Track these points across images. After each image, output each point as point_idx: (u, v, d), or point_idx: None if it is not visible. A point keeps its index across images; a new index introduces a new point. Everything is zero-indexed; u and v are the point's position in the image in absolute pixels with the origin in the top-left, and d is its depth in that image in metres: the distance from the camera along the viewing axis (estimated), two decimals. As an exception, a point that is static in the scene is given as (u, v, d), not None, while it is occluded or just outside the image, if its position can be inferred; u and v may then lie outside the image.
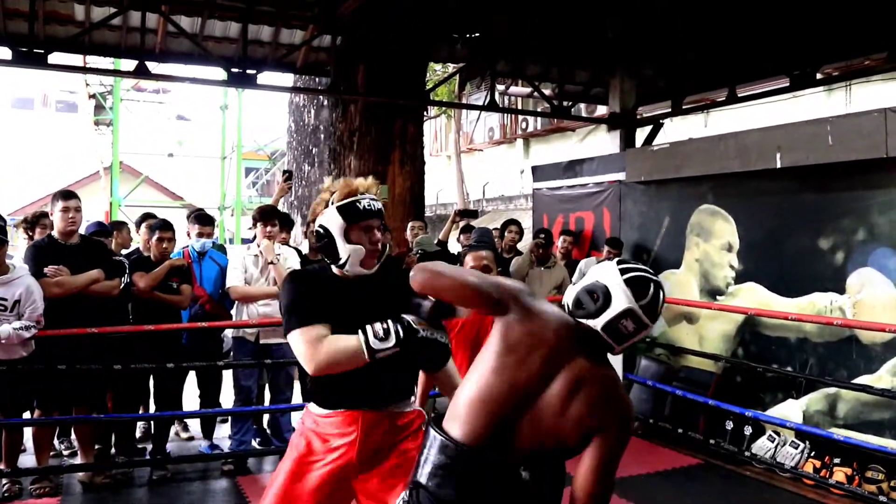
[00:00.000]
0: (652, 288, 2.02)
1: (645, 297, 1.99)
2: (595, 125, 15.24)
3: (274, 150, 22.82)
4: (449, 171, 21.42)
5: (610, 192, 7.08)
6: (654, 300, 2.01)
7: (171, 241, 5.08)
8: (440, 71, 15.05)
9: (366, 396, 2.37)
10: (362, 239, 2.41)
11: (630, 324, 1.97)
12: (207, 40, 7.56)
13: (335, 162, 8.21)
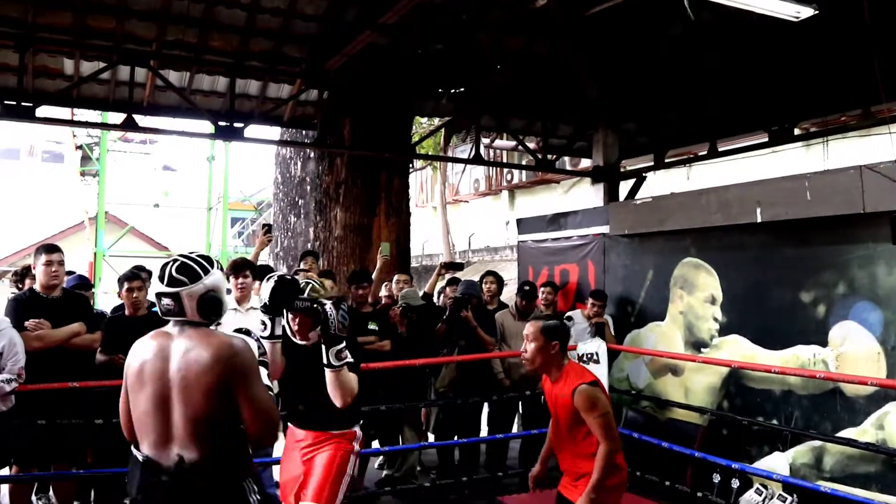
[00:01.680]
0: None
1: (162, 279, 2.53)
2: (579, 177, 15.42)
3: (260, 201, 22.90)
4: (435, 222, 21.53)
5: (594, 244, 7.13)
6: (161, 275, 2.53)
7: (140, 290, 5.02)
8: (426, 124, 15.24)
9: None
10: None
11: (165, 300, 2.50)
12: (195, 94, 7.63)
13: (321, 214, 8.25)
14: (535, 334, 3.38)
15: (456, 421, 6.22)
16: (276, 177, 9.32)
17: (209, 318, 2.53)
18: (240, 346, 2.48)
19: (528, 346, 3.39)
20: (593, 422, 3.19)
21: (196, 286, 2.49)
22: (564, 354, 3.41)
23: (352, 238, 8.10)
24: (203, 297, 2.49)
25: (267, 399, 2.50)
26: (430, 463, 6.46)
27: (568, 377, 3.31)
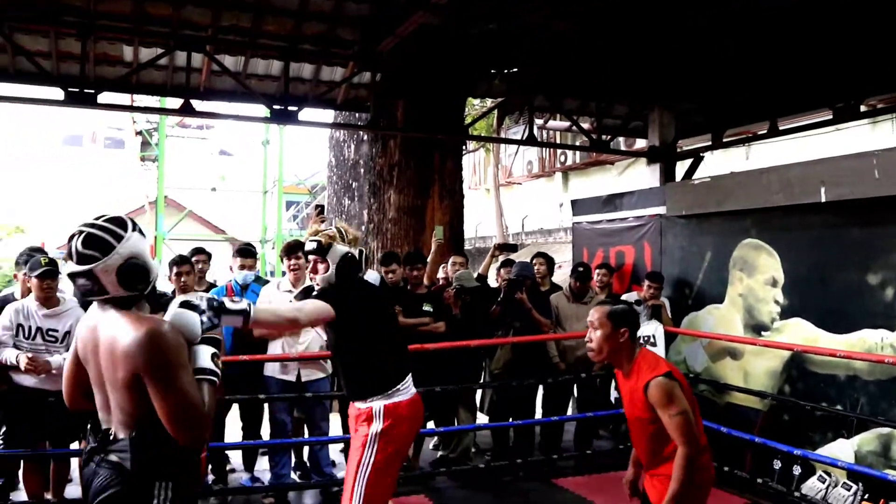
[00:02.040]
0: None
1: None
2: (634, 158, 15.19)
3: (314, 184, 23.13)
4: (488, 204, 21.47)
5: (650, 225, 7.02)
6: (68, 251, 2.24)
7: (189, 274, 5.12)
8: (479, 105, 15.16)
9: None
10: None
11: (80, 281, 2.22)
12: (250, 78, 7.72)
13: (375, 196, 8.28)
14: (602, 320, 2.98)
15: (510, 403, 6.21)
16: (330, 160, 9.39)
17: (136, 289, 2.24)
18: (157, 335, 2.13)
19: (594, 333, 3.00)
20: (669, 421, 2.82)
21: (110, 258, 2.18)
22: (635, 343, 3.02)
23: (405, 220, 8.11)
24: (122, 268, 2.19)
25: (187, 396, 2.14)
26: (484, 444, 6.48)
27: (640, 369, 2.94)
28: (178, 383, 2.12)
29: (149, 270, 2.26)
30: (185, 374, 2.16)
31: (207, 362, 2.27)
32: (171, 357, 2.13)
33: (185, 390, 2.13)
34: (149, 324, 2.15)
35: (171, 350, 2.14)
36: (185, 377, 2.16)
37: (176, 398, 2.11)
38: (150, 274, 2.26)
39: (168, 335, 2.16)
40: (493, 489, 5.50)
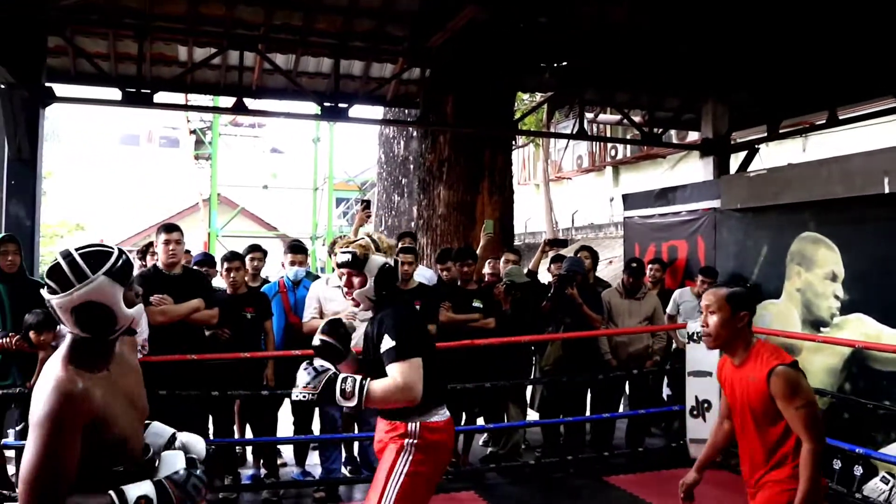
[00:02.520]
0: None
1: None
2: (686, 151, 14.95)
3: (364, 181, 23.29)
4: (537, 199, 21.36)
5: (704, 220, 6.89)
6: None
7: (238, 271, 5.18)
8: (528, 100, 15.09)
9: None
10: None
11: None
12: (301, 76, 7.80)
13: (424, 192, 8.29)
14: (719, 303, 2.73)
15: (561, 399, 6.16)
16: (380, 156, 9.45)
17: (94, 333, 2.03)
18: (56, 390, 1.91)
19: (710, 318, 2.75)
20: (794, 413, 2.58)
21: (66, 297, 1.98)
22: (750, 330, 2.79)
23: (455, 216, 8.10)
24: (76, 309, 1.99)
25: (40, 462, 1.86)
26: (534, 441, 6.44)
27: (759, 357, 2.70)
28: (41, 447, 1.87)
29: (111, 317, 2.02)
30: (58, 446, 1.88)
31: (132, 493, 1.96)
32: (51, 417, 1.88)
33: (46, 460, 1.87)
34: (64, 375, 1.95)
35: (57, 411, 1.89)
36: (58, 449, 1.88)
37: (31, 462, 1.86)
38: (111, 320, 2.02)
39: (63, 401, 1.91)
40: (543, 486, 5.47)
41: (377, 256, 2.92)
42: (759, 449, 2.74)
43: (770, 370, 2.62)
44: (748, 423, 2.74)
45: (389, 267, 2.94)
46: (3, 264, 4.66)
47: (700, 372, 5.65)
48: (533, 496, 5.25)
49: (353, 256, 2.90)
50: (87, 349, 2.03)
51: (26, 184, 6.52)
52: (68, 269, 1.98)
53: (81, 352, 2.02)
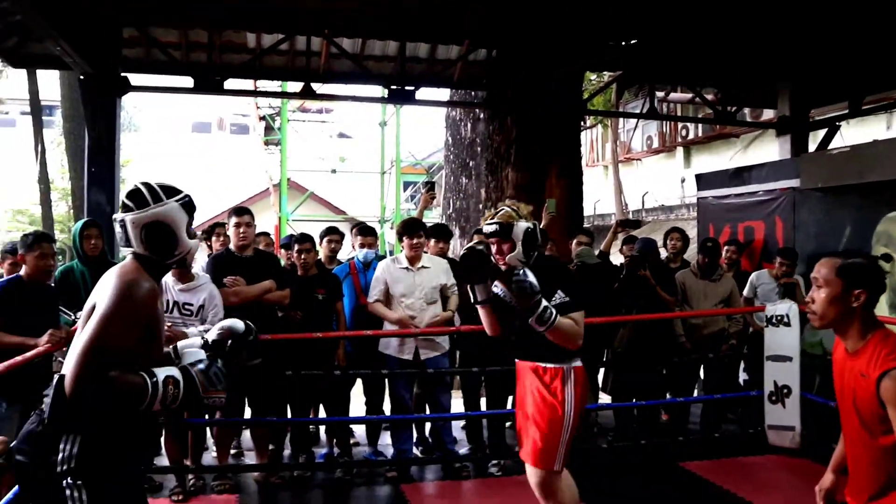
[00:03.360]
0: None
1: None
2: (761, 130, 14.48)
3: (431, 164, 23.32)
4: (606, 181, 21.04)
5: (783, 199, 6.66)
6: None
7: (309, 252, 5.23)
8: (596, 80, 14.83)
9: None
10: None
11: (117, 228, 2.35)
12: (367, 59, 7.82)
13: (492, 174, 8.23)
14: (829, 276, 2.30)
15: (633, 382, 6.06)
16: (447, 139, 9.41)
17: (157, 252, 2.33)
18: (131, 282, 2.20)
19: (818, 293, 2.32)
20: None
21: (141, 213, 2.30)
22: (871, 314, 2.29)
23: (523, 198, 7.97)
24: (147, 226, 2.29)
25: (102, 340, 2.08)
26: (606, 425, 6.35)
27: (876, 350, 2.21)
28: (106, 322, 2.10)
29: (174, 240, 2.34)
30: (120, 326, 2.12)
31: (160, 373, 2.17)
32: (123, 306, 2.14)
33: (106, 334, 2.09)
34: (135, 274, 2.24)
35: (129, 300, 2.15)
36: (119, 331, 2.11)
37: (92, 338, 2.08)
38: (174, 243, 2.34)
39: (142, 290, 2.19)
40: (615, 470, 5.39)
41: (521, 222, 3.19)
42: (864, 462, 2.28)
43: (884, 372, 2.14)
44: (853, 425, 2.29)
45: (533, 229, 3.22)
46: (87, 248, 4.80)
47: (779, 357, 5.46)
48: (604, 480, 5.17)
49: (500, 226, 3.17)
50: (148, 266, 2.31)
51: (106, 171, 6.74)
52: (146, 192, 2.34)
53: (144, 265, 2.30)
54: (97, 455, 2.14)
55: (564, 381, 3.21)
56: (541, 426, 3.21)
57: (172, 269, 4.46)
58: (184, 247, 2.37)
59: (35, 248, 4.31)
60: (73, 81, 11.08)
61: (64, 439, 2.11)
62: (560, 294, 3.15)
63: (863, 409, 2.22)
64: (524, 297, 3.03)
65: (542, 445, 3.20)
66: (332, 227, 5.82)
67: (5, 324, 4.13)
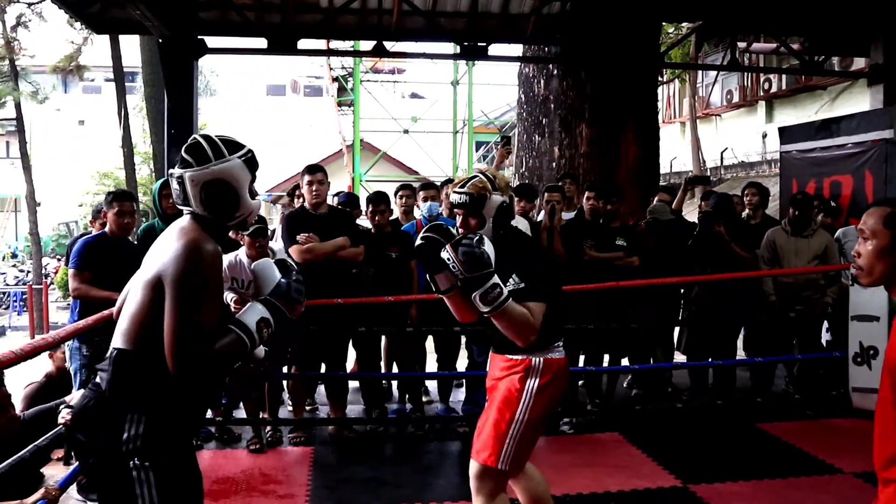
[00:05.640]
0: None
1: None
2: (850, 81, 13.81)
3: (503, 123, 23.14)
4: (682, 139, 20.48)
5: (874, 152, 6.33)
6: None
7: (383, 213, 5.24)
8: (673, 33, 14.36)
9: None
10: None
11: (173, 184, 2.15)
12: (439, 16, 7.73)
13: (566, 131, 8.08)
14: (876, 226, 1.98)
15: (708, 341, 5.92)
16: (520, 96, 9.27)
17: (216, 213, 2.12)
18: (197, 248, 2.01)
19: (864, 246, 2.01)
20: None
21: (201, 170, 2.08)
22: None
23: (599, 155, 7.87)
24: (207, 184, 2.08)
25: (197, 322, 1.96)
26: (681, 384, 6.25)
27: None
28: (193, 303, 1.96)
29: (236, 200, 2.13)
30: (207, 301, 2.00)
31: (251, 320, 2.09)
32: (200, 275, 1.99)
33: (199, 315, 1.97)
34: (198, 235, 2.05)
35: (203, 268, 2.00)
36: (206, 304, 1.99)
37: (184, 317, 1.95)
38: (235, 203, 2.14)
39: (208, 254, 2.02)
40: (689, 430, 5.32)
41: (495, 196, 2.77)
42: (891, 432, 1.97)
43: None
44: (885, 392, 1.98)
45: (507, 205, 2.80)
46: (165, 206, 4.94)
47: (865, 316, 5.23)
48: (678, 439, 5.11)
49: (470, 198, 2.74)
50: (207, 227, 2.11)
51: (184, 133, 6.88)
52: (207, 146, 2.11)
53: (203, 227, 2.11)
54: (163, 435, 2.03)
55: (527, 373, 2.78)
56: (490, 417, 2.83)
57: (247, 247, 4.55)
58: (245, 208, 2.16)
59: (114, 205, 4.48)
60: (153, 47, 11.35)
61: (129, 418, 1.99)
62: (515, 278, 2.69)
63: (886, 387, 1.94)
64: (471, 264, 2.56)
65: (483, 435, 2.83)
66: (405, 184, 5.84)
67: (93, 278, 4.31)
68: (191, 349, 1.95)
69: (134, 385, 2.00)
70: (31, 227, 17.88)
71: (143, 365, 2.00)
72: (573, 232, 5.43)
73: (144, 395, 2.00)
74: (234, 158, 2.13)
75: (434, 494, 4.14)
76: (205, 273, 2.00)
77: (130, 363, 2.01)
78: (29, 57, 17.86)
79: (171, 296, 1.96)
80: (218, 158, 2.10)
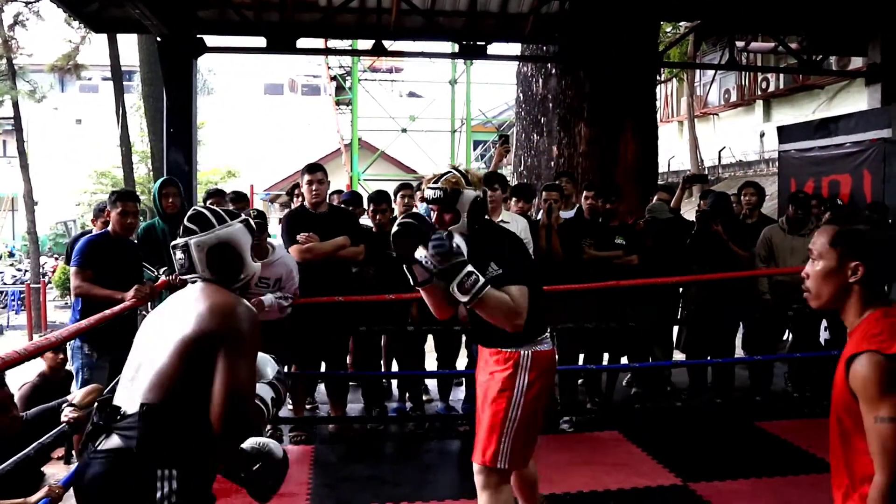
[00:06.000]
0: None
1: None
2: (847, 81, 13.85)
3: (501, 122, 23.16)
4: (679, 138, 20.50)
5: (872, 151, 6.36)
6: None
7: (384, 213, 5.27)
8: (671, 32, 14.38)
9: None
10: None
11: (178, 254, 2.25)
12: (438, 15, 7.73)
13: (565, 130, 8.08)
14: (823, 247, 1.92)
15: (706, 340, 5.94)
16: (518, 95, 9.28)
17: (222, 276, 2.21)
18: (242, 311, 2.09)
19: (812, 267, 1.96)
20: (872, 426, 1.75)
21: (205, 236, 2.20)
22: (875, 290, 1.89)
23: (597, 154, 7.88)
24: (213, 248, 2.19)
25: (245, 385, 2.03)
26: (680, 383, 6.27)
27: (859, 336, 1.85)
28: (247, 360, 2.06)
29: (241, 263, 2.25)
30: (253, 364, 2.12)
31: (266, 396, 2.20)
32: (249, 332, 2.07)
33: (250, 376, 2.08)
34: (233, 296, 2.17)
35: (251, 326, 2.08)
36: (253, 366, 2.12)
37: (241, 373, 2.02)
38: (241, 266, 2.26)
39: (251, 314, 2.12)
40: (689, 428, 5.34)
41: (468, 191, 2.81)
42: (840, 468, 1.91)
43: (854, 355, 1.79)
44: (833, 424, 1.92)
45: (481, 199, 2.85)
46: (166, 205, 4.95)
47: (864, 315, 5.25)
48: (677, 437, 5.13)
49: (444, 193, 2.79)
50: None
51: (183, 132, 6.89)
52: (209, 214, 2.25)
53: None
54: (196, 487, 2.04)
55: (516, 368, 2.82)
56: (485, 416, 2.86)
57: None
58: (249, 270, 2.29)
59: (118, 205, 4.48)
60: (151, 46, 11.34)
61: (161, 475, 1.96)
62: (493, 266, 2.73)
63: (837, 405, 1.88)
64: (443, 255, 2.63)
65: (480, 434, 2.87)
66: (406, 183, 5.84)
67: (95, 276, 4.32)
68: (242, 410, 2.02)
69: (165, 440, 1.99)
70: (28, 226, 17.84)
71: (175, 419, 2.00)
72: (572, 231, 5.44)
73: (177, 450, 2.00)
74: (236, 223, 2.27)
75: (434, 493, 4.15)
76: (254, 335, 2.09)
77: (163, 418, 1.99)
78: (26, 56, 17.82)
79: (228, 352, 2.01)
80: (220, 224, 2.23)
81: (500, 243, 2.86)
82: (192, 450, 2.01)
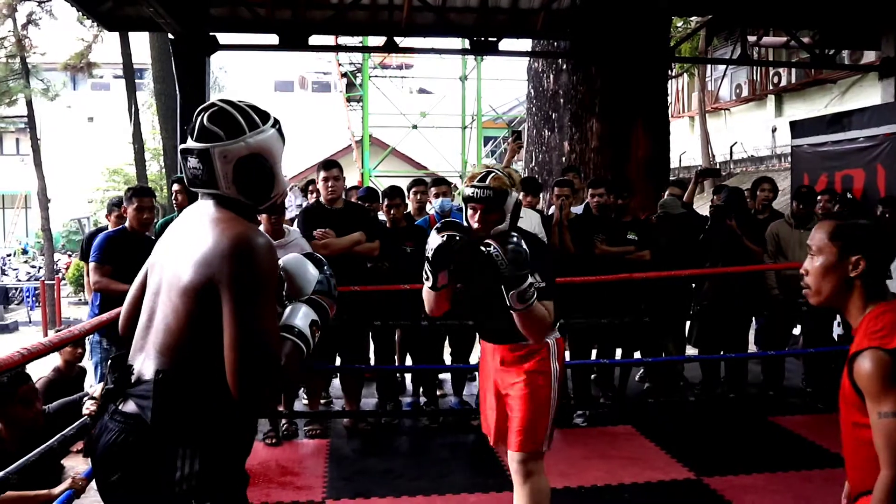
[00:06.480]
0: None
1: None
2: (860, 75, 13.77)
3: (512, 118, 23.16)
4: (691, 133, 20.44)
5: (886, 145, 6.33)
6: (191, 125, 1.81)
7: (398, 207, 5.29)
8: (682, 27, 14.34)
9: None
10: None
11: (191, 161, 1.78)
12: (449, 11, 7.75)
13: (576, 126, 8.09)
14: (822, 242, 1.91)
15: (720, 335, 5.94)
16: (529, 91, 9.28)
17: (250, 196, 1.78)
18: (252, 244, 1.66)
19: (812, 263, 1.94)
20: (877, 421, 1.74)
21: (234, 143, 1.74)
22: (876, 285, 1.87)
23: (609, 149, 7.88)
24: (243, 160, 1.74)
25: (266, 330, 1.64)
26: (693, 378, 6.27)
27: (862, 331, 1.84)
28: (259, 309, 1.64)
29: (273, 180, 1.81)
30: (270, 306, 1.68)
31: (303, 324, 1.76)
32: (261, 276, 1.66)
33: (266, 323, 1.65)
34: (245, 228, 1.71)
35: (264, 268, 1.67)
36: (270, 309, 1.68)
37: (252, 325, 1.62)
38: (272, 184, 1.81)
39: (264, 250, 1.68)
40: (701, 423, 5.35)
41: (514, 192, 2.76)
42: (850, 459, 1.92)
43: (858, 351, 1.78)
44: (842, 416, 1.90)
45: (520, 203, 2.81)
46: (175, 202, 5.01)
47: (877, 309, 5.24)
48: (690, 433, 5.14)
49: (494, 192, 2.69)
50: (239, 213, 1.79)
51: (196, 129, 6.92)
52: (239, 115, 1.77)
53: (236, 213, 1.78)
54: (221, 468, 1.73)
55: (549, 357, 2.88)
56: (525, 407, 2.87)
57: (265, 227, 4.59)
58: (280, 186, 1.84)
59: (134, 200, 4.54)
60: (163, 44, 11.40)
61: (181, 454, 1.67)
62: (537, 277, 2.69)
63: (846, 398, 1.86)
64: (518, 262, 2.57)
65: (528, 426, 2.87)
66: (419, 179, 5.86)
67: (114, 272, 4.37)
68: (259, 367, 1.62)
69: (184, 413, 1.68)
70: (42, 224, 17.99)
71: (192, 388, 1.69)
72: (584, 226, 5.45)
73: (196, 425, 1.69)
74: (269, 128, 1.81)
75: (449, 486, 4.18)
76: (267, 274, 1.68)
77: (178, 387, 1.68)
78: (40, 54, 17.95)
79: (234, 301, 1.63)
80: (252, 129, 1.77)
81: (542, 254, 2.84)
82: (216, 422, 1.70)
